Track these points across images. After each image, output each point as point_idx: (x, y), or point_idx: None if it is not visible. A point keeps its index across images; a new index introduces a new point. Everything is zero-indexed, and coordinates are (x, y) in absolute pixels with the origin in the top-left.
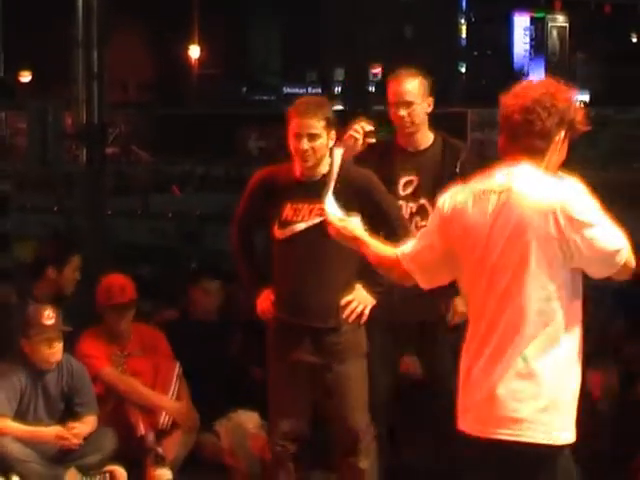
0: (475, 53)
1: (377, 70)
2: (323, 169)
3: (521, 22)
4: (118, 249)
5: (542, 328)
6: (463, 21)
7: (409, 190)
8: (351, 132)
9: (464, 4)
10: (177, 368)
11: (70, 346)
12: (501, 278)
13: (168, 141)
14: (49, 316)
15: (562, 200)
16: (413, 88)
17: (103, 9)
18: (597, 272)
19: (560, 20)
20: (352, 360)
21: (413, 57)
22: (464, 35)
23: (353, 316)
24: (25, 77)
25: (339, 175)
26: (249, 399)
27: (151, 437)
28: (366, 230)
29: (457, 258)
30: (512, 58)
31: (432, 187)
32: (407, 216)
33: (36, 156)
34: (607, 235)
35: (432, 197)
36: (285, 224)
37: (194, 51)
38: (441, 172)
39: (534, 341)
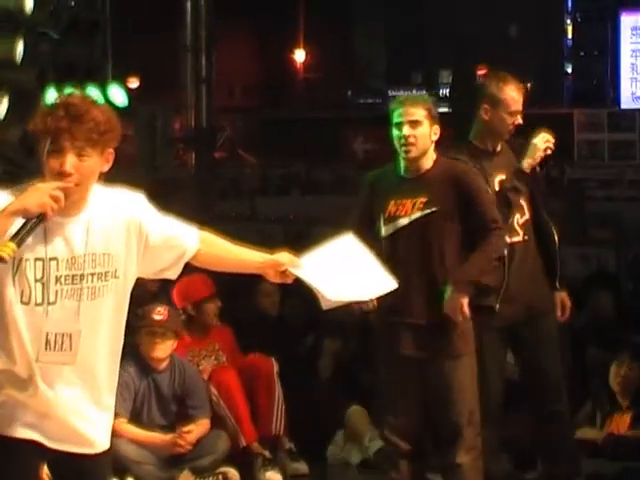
0: (582, 53)
1: (483, 71)
2: (427, 163)
3: (628, 22)
4: None
5: None
6: (569, 21)
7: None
8: (545, 143)
9: (570, 4)
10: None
11: None
12: None
13: (274, 145)
14: (159, 312)
15: None
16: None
17: (211, 14)
18: None
19: None
20: (457, 356)
21: (518, 58)
22: (570, 35)
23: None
24: (133, 83)
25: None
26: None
27: (255, 443)
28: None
29: None
30: (619, 58)
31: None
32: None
33: (145, 162)
34: None
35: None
36: (389, 220)
37: (299, 55)
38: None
39: None
